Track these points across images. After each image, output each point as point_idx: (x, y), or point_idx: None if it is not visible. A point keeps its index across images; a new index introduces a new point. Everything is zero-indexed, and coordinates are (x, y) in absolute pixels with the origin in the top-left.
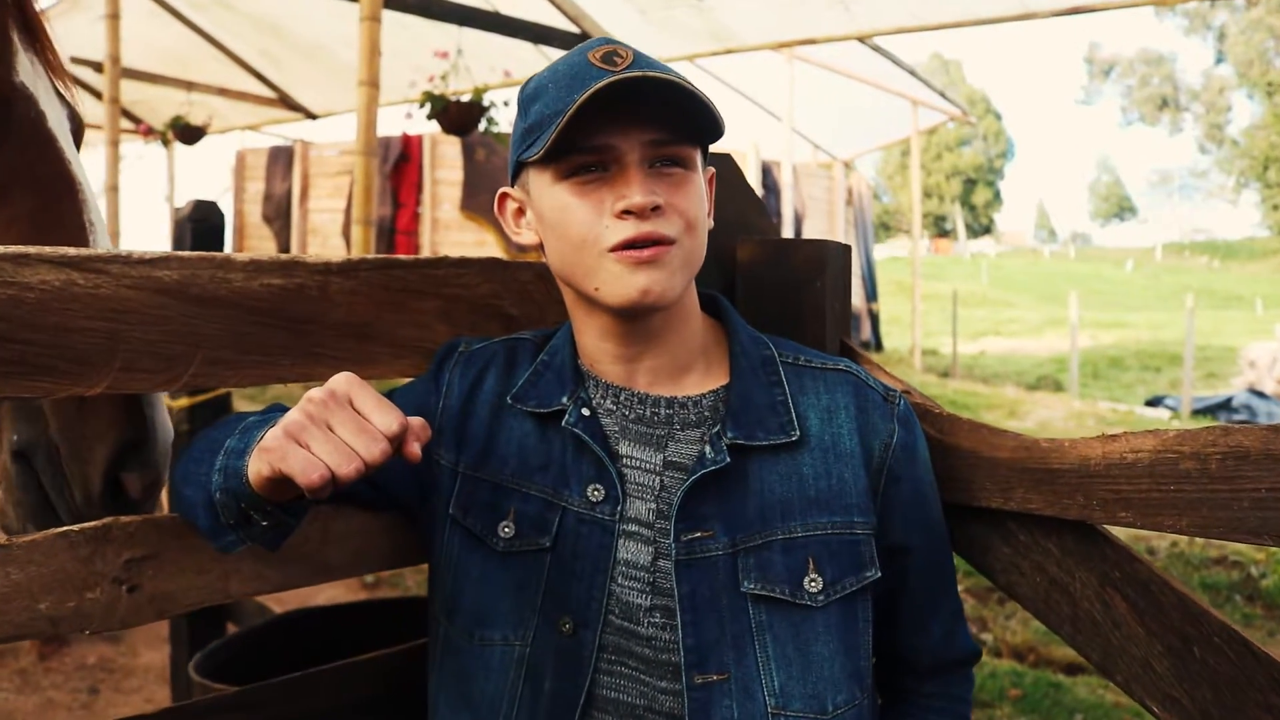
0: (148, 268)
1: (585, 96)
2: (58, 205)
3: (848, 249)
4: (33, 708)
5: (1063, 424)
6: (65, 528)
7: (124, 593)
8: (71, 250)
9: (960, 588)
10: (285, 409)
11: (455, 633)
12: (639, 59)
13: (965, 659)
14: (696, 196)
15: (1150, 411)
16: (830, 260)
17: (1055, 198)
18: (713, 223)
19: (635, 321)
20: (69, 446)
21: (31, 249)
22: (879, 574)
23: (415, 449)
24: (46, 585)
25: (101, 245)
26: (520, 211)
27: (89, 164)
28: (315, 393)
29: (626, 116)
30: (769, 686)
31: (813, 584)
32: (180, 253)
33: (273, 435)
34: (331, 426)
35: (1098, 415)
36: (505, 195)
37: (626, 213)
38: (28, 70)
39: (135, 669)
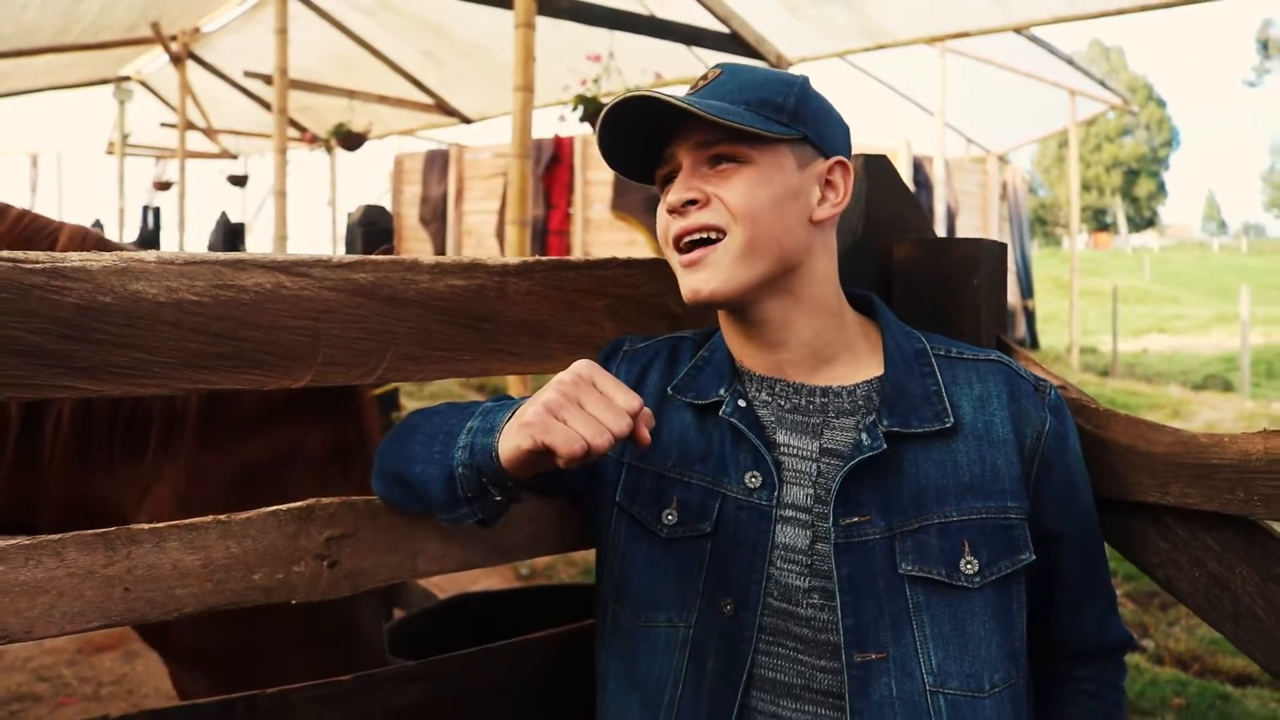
0: (346, 271)
1: (604, 112)
2: None
3: (1003, 247)
4: None
5: (1233, 425)
6: (274, 507)
7: (325, 568)
8: (280, 255)
9: (1120, 592)
10: (508, 398)
11: (623, 615)
12: (717, 82)
13: (1118, 646)
14: (747, 186)
15: None
16: (985, 258)
17: (1225, 188)
18: (845, 205)
19: (731, 314)
20: None
21: (246, 254)
22: (1033, 557)
23: (645, 433)
24: (260, 558)
25: None
26: None
27: (260, 171)
28: (564, 375)
29: (685, 126)
30: (927, 665)
31: (969, 566)
32: (374, 257)
33: (534, 412)
34: (582, 404)
35: (1271, 416)
36: None
37: (671, 211)
38: None
39: None
